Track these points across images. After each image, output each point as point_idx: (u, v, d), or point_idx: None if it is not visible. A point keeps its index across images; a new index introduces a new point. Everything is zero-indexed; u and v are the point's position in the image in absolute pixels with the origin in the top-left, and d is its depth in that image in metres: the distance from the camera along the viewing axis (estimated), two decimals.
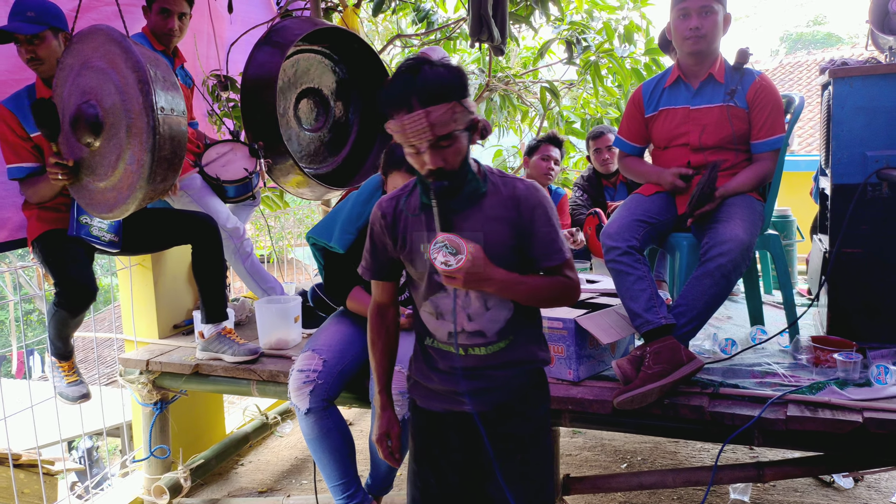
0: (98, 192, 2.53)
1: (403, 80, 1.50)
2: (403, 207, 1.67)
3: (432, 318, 1.70)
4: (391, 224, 1.68)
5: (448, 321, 1.67)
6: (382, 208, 1.70)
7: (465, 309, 1.66)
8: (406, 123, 1.48)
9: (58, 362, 2.94)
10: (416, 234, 1.66)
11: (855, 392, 2.22)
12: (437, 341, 1.72)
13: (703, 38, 2.54)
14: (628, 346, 2.68)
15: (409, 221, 1.66)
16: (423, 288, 1.69)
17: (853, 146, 2.53)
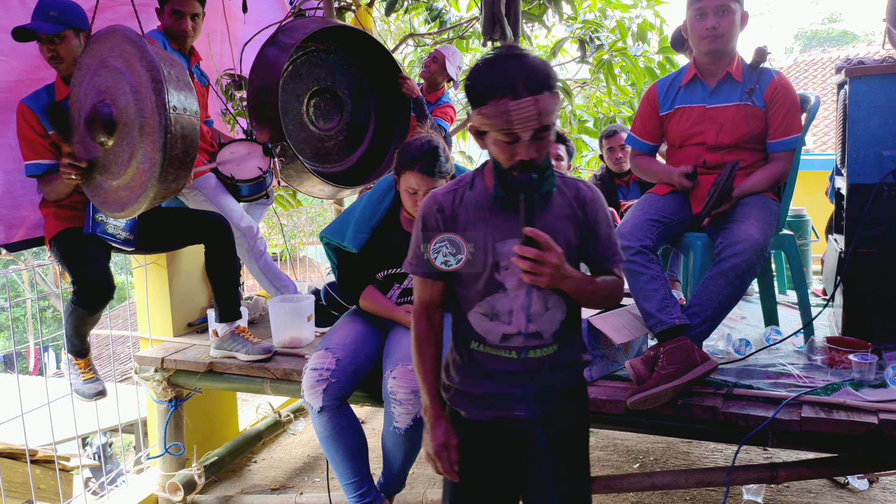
0: (111, 190, 2.55)
1: (507, 66, 1.44)
2: (465, 201, 1.60)
3: (485, 319, 1.62)
4: (450, 218, 1.59)
5: (503, 322, 1.61)
6: (439, 202, 1.61)
7: (525, 309, 1.61)
8: (513, 110, 1.42)
9: (74, 359, 2.97)
10: (478, 230, 1.58)
11: (870, 393, 2.20)
12: (486, 345, 1.64)
13: (720, 38, 2.52)
14: (641, 347, 2.68)
15: (470, 216, 1.59)
16: (477, 287, 1.61)
17: (869, 146, 2.51)
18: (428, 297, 1.69)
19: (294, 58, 3.72)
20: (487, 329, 1.62)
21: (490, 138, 1.49)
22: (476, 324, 1.63)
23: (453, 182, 1.65)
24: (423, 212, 1.63)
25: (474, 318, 1.63)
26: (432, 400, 1.71)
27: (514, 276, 1.57)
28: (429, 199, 1.63)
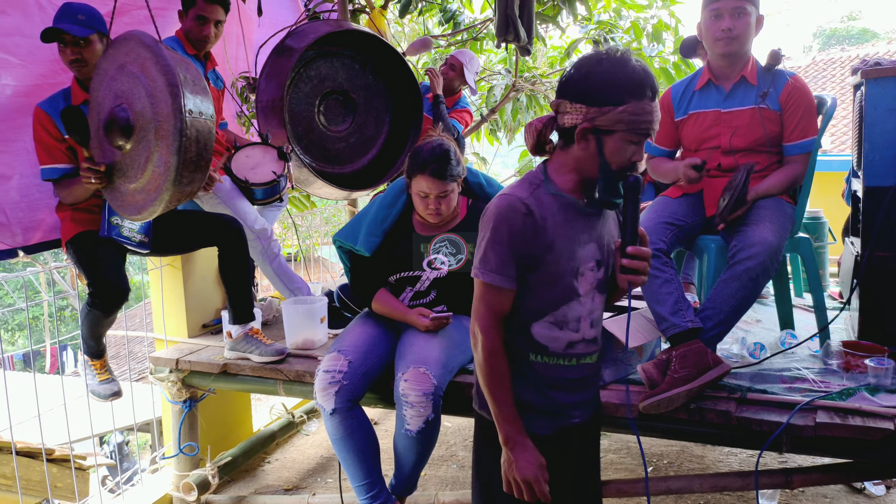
0: (129, 193, 2.58)
1: (636, 68, 1.47)
2: (547, 204, 1.55)
3: (553, 328, 1.60)
4: (540, 222, 1.54)
5: (571, 330, 1.61)
6: (527, 205, 1.53)
7: (590, 315, 1.63)
8: (655, 111, 1.48)
9: (90, 360, 3.00)
10: (564, 234, 1.56)
11: (886, 398, 2.18)
12: (547, 355, 1.62)
13: (735, 40, 2.50)
14: (655, 350, 2.66)
15: (557, 220, 1.55)
16: (553, 295, 1.59)
17: (886, 148, 2.48)
18: (500, 308, 1.59)
19: (307, 60, 3.74)
20: (553, 338, 1.61)
21: (614, 139, 1.48)
22: (540, 334, 1.61)
23: (526, 183, 1.58)
24: (506, 214, 1.53)
25: (539, 329, 1.60)
26: (515, 418, 1.60)
27: (587, 282, 1.60)
28: (512, 201, 1.54)
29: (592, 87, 1.48)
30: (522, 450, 1.58)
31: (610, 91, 1.46)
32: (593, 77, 1.48)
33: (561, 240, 1.55)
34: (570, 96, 1.50)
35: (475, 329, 1.59)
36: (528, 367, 1.63)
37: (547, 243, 1.54)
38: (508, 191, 1.57)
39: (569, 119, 1.51)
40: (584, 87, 1.49)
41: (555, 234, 1.55)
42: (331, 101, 3.91)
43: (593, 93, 1.48)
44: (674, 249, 2.56)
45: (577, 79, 1.50)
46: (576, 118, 1.49)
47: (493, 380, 1.59)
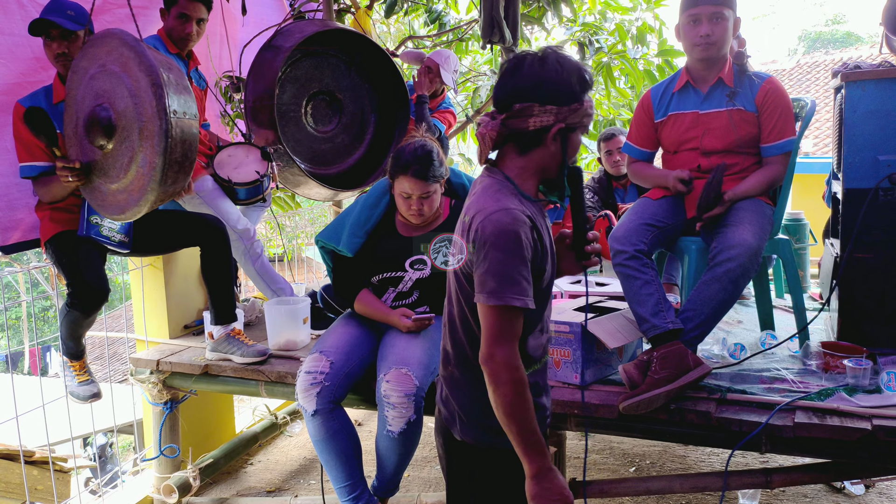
0: (110, 193, 2.56)
1: (584, 67, 1.52)
2: (534, 216, 1.51)
3: (540, 335, 1.60)
4: (539, 235, 1.50)
5: (546, 331, 1.64)
6: (528, 216, 1.47)
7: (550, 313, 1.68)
8: (592, 104, 1.54)
9: (69, 361, 2.98)
10: (551, 239, 1.59)
11: (864, 399, 2.20)
12: (533, 365, 1.59)
13: (713, 45, 2.52)
14: (636, 351, 2.67)
15: (543, 226, 1.55)
16: (543, 303, 1.58)
17: (865, 150, 2.50)
18: (519, 331, 1.48)
19: (293, 60, 3.72)
20: (539, 345, 1.60)
21: (576, 135, 1.53)
22: (532, 346, 1.57)
23: (506, 193, 1.50)
24: (515, 230, 1.44)
25: (532, 341, 1.57)
26: (546, 450, 1.49)
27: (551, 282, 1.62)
28: (517, 215, 1.45)
29: (562, 87, 1.47)
30: (554, 477, 1.47)
31: (575, 88, 1.48)
32: (561, 77, 1.47)
33: (550, 245, 1.57)
34: (539, 99, 1.47)
35: (495, 363, 1.44)
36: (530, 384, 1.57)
37: (545, 250, 1.52)
38: (501, 205, 1.46)
39: (537, 121, 1.47)
40: (554, 88, 1.47)
41: (546, 241, 1.54)
42: (317, 102, 3.90)
43: (564, 92, 1.47)
44: (654, 251, 2.57)
45: (545, 81, 1.47)
46: (547, 119, 1.47)
47: (526, 413, 1.46)
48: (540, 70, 1.47)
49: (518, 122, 1.49)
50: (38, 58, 2.98)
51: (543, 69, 1.48)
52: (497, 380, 1.45)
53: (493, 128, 1.51)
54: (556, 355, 2.46)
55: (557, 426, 2.48)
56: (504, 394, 1.44)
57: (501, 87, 1.52)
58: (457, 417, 1.60)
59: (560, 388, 2.43)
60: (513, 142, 1.53)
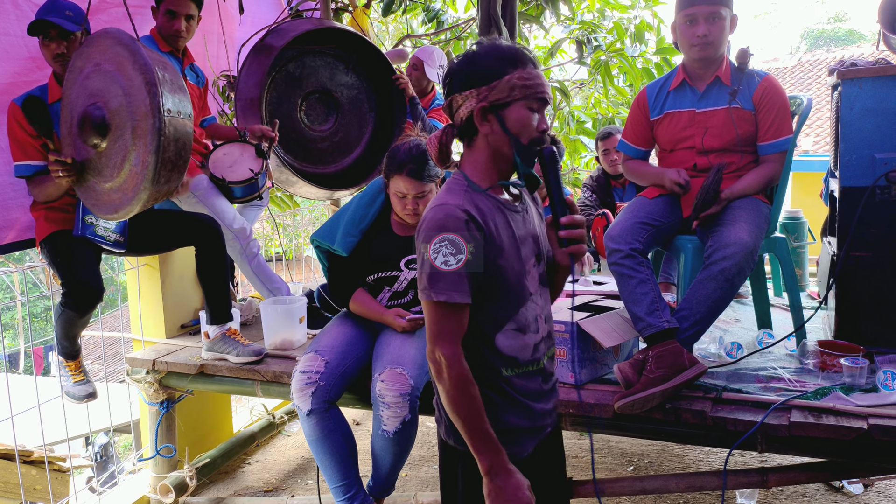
0: (104, 193, 2.55)
1: (507, 45, 1.49)
2: (482, 209, 1.48)
3: (517, 335, 1.53)
4: (486, 230, 1.46)
5: (532, 332, 1.55)
6: (468, 212, 1.44)
7: (542, 312, 1.59)
8: (536, 76, 1.47)
9: (65, 361, 2.97)
10: (507, 234, 1.50)
11: (861, 398, 2.19)
12: (517, 366, 1.53)
13: (710, 45, 2.51)
14: (632, 350, 2.67)
15: (498, 223, 1.49)
16: (509, 301, 1.51)
17: (861, 148, 2.49)
18: (461, 327, 1.46)
19: (290, 58, 3.71)
20: (520, 346, 1.53)
21: (513, 110, 1.46)
22: (505, 346, 1.52)
23: (455, 188, 1.50)
24: (450, 224, 1.42)
25: (503, 340, 1.52)
26: (497, 445, 1.45)
27: (533, 279, 1.56)
28: (449, 210, 1.44)
29: (475, 69, 1.47)
30: (509, 476, 1.44)
31: (492, 66, 1.46)
32: (473, 62, 1.48)
33: (508, 240, 1.51)
34: (457, 89, 1.49)
35: (437, 357, 1.44)
36: (506, 385, 1.53)
37: (497, 245, 1.48)
38: (441, 200, 1.47)
39: (464, 110, 1.48)
40: (466, 73, 1.48)
41: (502, 239, 1.49)
42: (313, 101, 3.89)
43: (478, 74, 1.47)
44: (650, 249, 2.55)
45: (457, 70, 1.49)
46: (469, 104, 1.47)
47: (471, 410, 1.44)
48: (456, 64, 1.51)
49: (454, 118, 1.53)
50: (34, 57, 2.98)
51: (458, 61, 1.51)
52: (438, 376, 1.45)
53: (440, 131, 1.56)
54: None
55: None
56: (446, 391, 1.44)
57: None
58: (443, 418, 1.59)
59: None
60: (461, 138, 1.55)
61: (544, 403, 1.61)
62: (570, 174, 5.50)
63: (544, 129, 1.50)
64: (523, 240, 1.54)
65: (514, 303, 1.52)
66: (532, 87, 1.46)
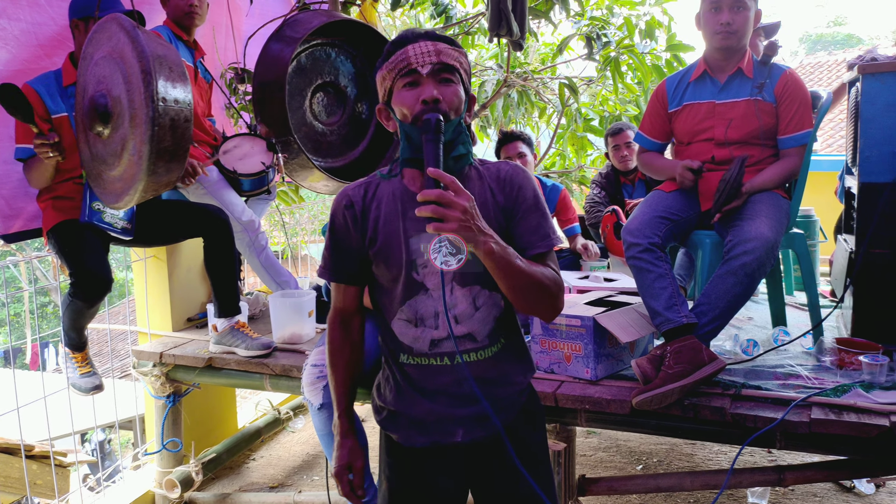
0: (110, 181, 2.52)
1: (406, 33, 1.47)
2: (377, 195, 1.49)
3: (409, 326, 1.48)
4: (360, 214, 1.49)
5: (430, 327, 1.47)
6: (349, 197, 1.50)
7: (451, 310, 1.47)
8: (410, 49, 1.42)
9: (71, 353, 2.93)
10: (391, 225, 1.46)
11: (881, 395, 2.16)
12: (414, 355, 1.50)
13: (734, 34, 2.48)
14: (647, 346, 2.64)
15: (382, 211, 1.47)
16: (396, 291, 1.48)
17: (882, 144, 2.46)
18: (342, 304, 1.59)
19: (298, 52, 3.68)
20: (414, 336, 1.49)
21: (396, 99, 1.44)
22: (401, 332, 1.50)
23: (365, 178, 1.54)
24: (332, 210, 1.53)
25: (398, 327, 1.50)
26: (340, 415, 1.64)
27: (434, 274, 1.45)
28: (338, 196, 1.53)
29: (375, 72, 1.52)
30: (338, 446, 1.63)
31: (376, 69, 1.50)
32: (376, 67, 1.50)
33: (387, 232, 1.46)
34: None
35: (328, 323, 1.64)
36: (400, 370, 1.53)
37: (369, 236, 1.48)
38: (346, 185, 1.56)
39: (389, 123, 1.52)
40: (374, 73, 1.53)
41: (378, 226, 1.47)
42: (322, 94, 3.86)
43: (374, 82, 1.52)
44: (668, 244, 2.52)
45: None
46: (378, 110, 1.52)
47: (332, 374, 1.64)
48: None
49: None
50: (42, 45, 2.94)
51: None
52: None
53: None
54: (567, 350, 2.42)
55: (567, 422, 2.45)
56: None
57: None
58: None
59: (571, 383, 2.39)
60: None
61: (447, 408, 1.50)
62: (577, 172, 5.47)
63: (427, 98, 1.39)
64: (422, 232, 1.43)
65: (400, 294, 1.48)
66: (395, 67, 1.43)
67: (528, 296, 1.40)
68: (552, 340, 2.45)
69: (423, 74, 1.41)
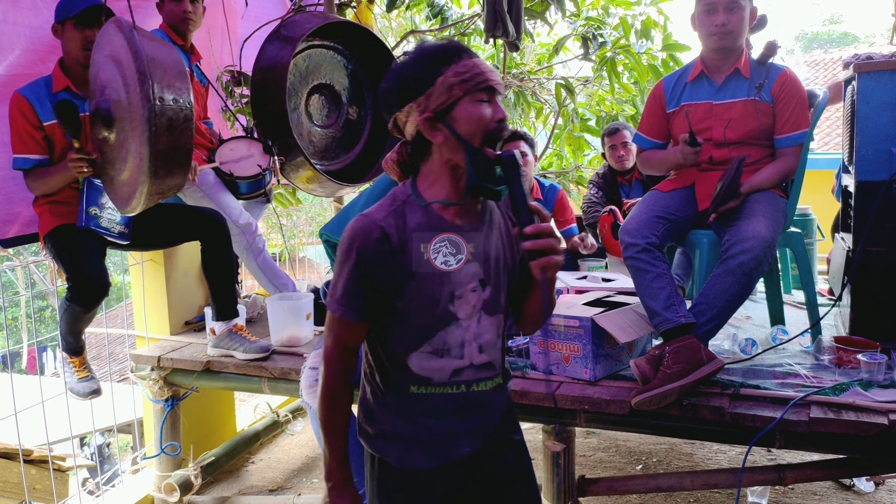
0: (118, 186, 2.52)
1: (441, 42, 1.38)
2: (408, 224, 1.38)
3: (432, 358, 1.42)
4: (399, 246, 1.36)
5: (455, 357, 1.43)
6: (381, 228, 1.35)
7: (477, 339, 1.44)
8: (481, 65, 1.34)
9: (69, 358, 2.93)
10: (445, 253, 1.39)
11: (880, 394, 2.16)
12: (431, 386, 1.44)
13: (729, 35, 2.48)
14: (646, 346, 2.64)
15: (422, 242, 1.38)
16: (427, 322, 1.41)
17: (878, 142, 2.47)
18: (348, 341, 1.43)
19: (296, 53, 3.68)
20: (435, 368, 1.43)
21: (460, 110, 1.33)
22: (419, 366, 1.42)
23: (389, 201, 1.40)
24: (355, 240, 1.35)
25: (417, 360, 1.42)
26: (342, 463, 1.49)
27: (468, 304, 1.41)
28: (363, 225, 1.36)
29: (406, 81, 1.36)
30: (339, 496, 1.49)
31: (422, 72, 1.35)
32: (402, 74, 1.37)
33: (428, 264, 1.38)
34: (395, 107, 1.38)
35: (326, 354, 1.44)
36: (406, 399, 1.45)
37: (411, 270, 1.36)
38: (367, 211, 1.39)
39: (410, 126, 1.38)
40: (399, 87, 1.37)
41: (421, 259, 1.37)
42: (317, 96, 3.86)
43: (410, 85, 1.35)
44: (666, 244, 2.52)
45: (389, 88, 1.39)
46: (413, 119, 1.36)
47: (330, 417, 1.46)
48: (386, 81, 1.40)
49: (401, 135, 1.42)
50: (37, 50, 2.94)
51: (387, 78, 1.40)
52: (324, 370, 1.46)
53: (394, 151, 1.46)
54: (565, 350, 2.42)
55: (566, 423, 2.45)
56: (320, 393, 1.47)
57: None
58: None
59: (570, 383, 2.39)
60: (413, 154, 1.43)
61: (454, 423, 1.47)
62: (574, 172, 5.47)
63: (501, 118, 1.36)
64: (451, 262, 1.40)
65: (430, 325, 1.41)
66: (471, 79, 1.33)
67: (545, 318, 1.50)
68: (550, 341, 2.45)
69: (497, 92, 1.37)
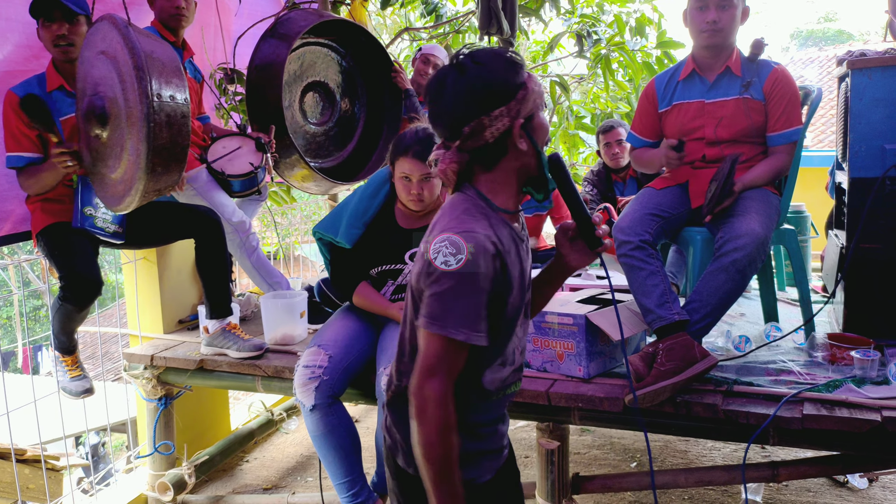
0: (111, 184, 2.51)
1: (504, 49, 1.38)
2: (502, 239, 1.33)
3: (500, 369, 1.42)
4: (506, 262, 1.32)
5: (510, 364, 1.43)
6: (494, 245, 1.29)
7: (520, 343, 1.47)
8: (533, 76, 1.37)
9: (61, 357, 2.91)
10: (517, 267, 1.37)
11: (872, 390, 2.16)
12: (490, 397, 1.42)
13: (719, 32, 2.48)
14: (639, 344, 2.63)
15: (512, 252, 1.35)
16: (505, 336, 1.39)
17: (871, 139, 2.47)
18: (458, 369, 1.30)
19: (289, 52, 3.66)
20: (498, 378, 1.42)
21: (535, 119, 1.35)
22: (491, 379, 1.40)
23: (478, 214, 1.33)
24: (474, 261, 1.26)
25: (491, 374, 1.40)
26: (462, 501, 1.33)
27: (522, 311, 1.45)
28: (482, 240, 1.28)
29: (496, 85, 1.32)
30: None
31: (510, 78, 1.32)
32: (490, 75, 1.32)
33: (516, 274, 1.36)
34: (483, 110, 1.31)
35: (426, 393, 1.27)
36: (472, 413, 1.41)
37: (509, 281, 1.33)
38: (467, 226, 1.29)
39: (493, 132, 1.31)
40: (490, 90, 1.31)
41: (512, 270, 1.35)
42: (312, 94, 3.85)
43: (502, 89, 1.31)
44: (659, 241, 2.53)
45: (477, 90, 1.31)
46: (503, 124, 1.31)
47: (446, 461, 1.28)
48: (466, 82, 1.32)
49: (474, 142, 1.33)
50: (31, 45, 2.91)
51: (469, 79, 1.32)
52: (421, 417, 1.28)
53: (452, 160, 1.35)
54: (559, 348, 2.41)
55: (560, 420, 2.45)
56: (426, 433, 1.27)
57: (438, 116, 1.36)
58: (399, 447, 1.44)
59: (564, 381, 2.39)
60: (476, 162, 1.36)
61: (504, 425, 1.52)
62: (569, 169, 5.47)
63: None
64: (525, 272, 1.42)
65: (506, 337, 1.40)
66: (542, 90, 1.37)
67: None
68: (544, 339, 2.44)
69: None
